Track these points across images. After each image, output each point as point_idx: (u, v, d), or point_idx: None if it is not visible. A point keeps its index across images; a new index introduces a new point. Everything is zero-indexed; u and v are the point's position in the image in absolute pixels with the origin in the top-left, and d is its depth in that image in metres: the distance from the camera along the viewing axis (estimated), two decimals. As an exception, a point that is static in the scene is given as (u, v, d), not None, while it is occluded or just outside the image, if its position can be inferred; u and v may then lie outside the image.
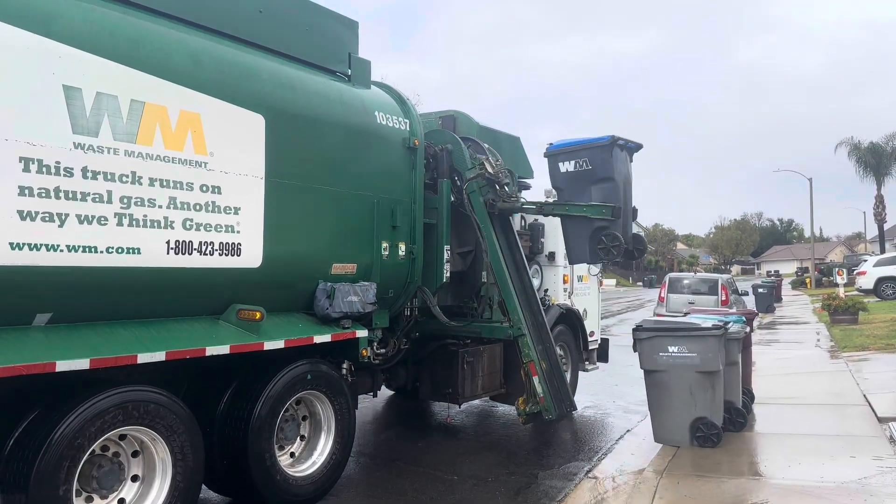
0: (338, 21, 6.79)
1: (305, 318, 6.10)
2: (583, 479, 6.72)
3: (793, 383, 11.43)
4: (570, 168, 7.44)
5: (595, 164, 7.33)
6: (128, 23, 4.82)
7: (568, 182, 7.51)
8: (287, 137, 5.75)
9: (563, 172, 7.51)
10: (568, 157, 7.49)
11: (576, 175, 7.43)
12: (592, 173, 7.36)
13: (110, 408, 4.34)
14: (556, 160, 7.58)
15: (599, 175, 7.32)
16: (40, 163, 4.16)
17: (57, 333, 4.38)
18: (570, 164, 7.44)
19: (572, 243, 7.64)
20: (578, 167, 7.39)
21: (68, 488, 4.13)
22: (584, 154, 7.39)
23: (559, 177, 7.59)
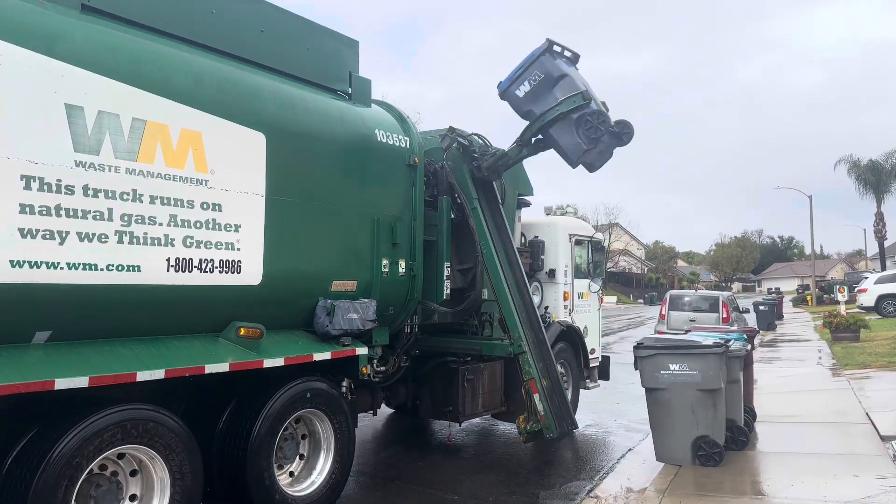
0: (338, 40, 6.85)
1: (305, 336, 6.09)
2: (584, 498, 6.67)
3: (795, 401, 11.38)
4: (527, 88, 7.67)
5: (545, 71, 7.61)
6: (130, 42, 4.86)
7: (532, 100, 7.68)
8: (288, 155, 5.78)
9: (523, 96, 7.72)
10: (519, 81, 7.72)
11: (535, 90, 7.65)
12: (548, 79, 7.60)
13: (109, 426, 4.32)
14: (512, 90, 7.77)
15: (554, 76, 7.59)
16: (41, 181, 4.18)
17: (56, 351, 4.37)
18: (525, 85, 7.68)
19: (564, 144, 7.63)
20: (533, 82, 7.63)
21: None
22: (533, 69, 7.67)
23: (522, 101, 7.76)
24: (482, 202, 8.10)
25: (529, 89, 7.67)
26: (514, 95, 7.77)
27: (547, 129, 7.65)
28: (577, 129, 7.47)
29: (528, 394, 7.66)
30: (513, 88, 7.76)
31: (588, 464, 8.13)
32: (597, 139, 7.45)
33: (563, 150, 7.71)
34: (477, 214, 7.95)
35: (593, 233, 11.22)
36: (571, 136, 7.54)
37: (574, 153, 7.60)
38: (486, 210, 8.13)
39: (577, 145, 7.52)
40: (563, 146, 7.67)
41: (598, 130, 7.39)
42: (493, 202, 8.25)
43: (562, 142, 7.65)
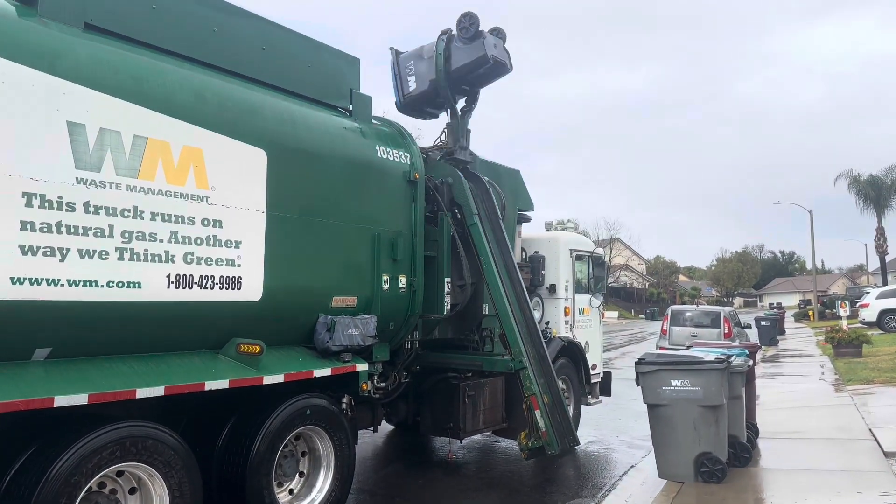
0: (339, 58, 6.89)
1: (305, 352, 6.08)
2: None
3: (797, 417, 11.33)
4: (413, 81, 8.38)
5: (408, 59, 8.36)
6: (132, 60, 4.89)
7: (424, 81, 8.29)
8: (289, 171, 5.80)
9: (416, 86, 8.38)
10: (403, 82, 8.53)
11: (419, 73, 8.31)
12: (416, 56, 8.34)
13: (108, 444, 4.30)
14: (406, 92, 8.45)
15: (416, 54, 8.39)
16: (42, 198, 4.19)
17: (56, 368, 4.36)
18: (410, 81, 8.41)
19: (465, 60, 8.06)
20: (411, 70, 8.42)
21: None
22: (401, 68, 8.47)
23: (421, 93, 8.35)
24: (482, 217, 8.11)
25: (414, 77, 8.25)
26: (410, 95, 8.34)
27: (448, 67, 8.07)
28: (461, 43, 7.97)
29: (530, 410, 7.63)
30: (403, 90, 8.38)
31: (590, 481, 8.08)
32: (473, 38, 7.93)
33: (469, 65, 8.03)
34: (477, 230, 7.96)
35: (594, 248, 11.22)
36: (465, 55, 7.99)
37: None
38: (487, 225, 8.13)
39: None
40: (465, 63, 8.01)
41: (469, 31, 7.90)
42: (494, 217, 8.26)
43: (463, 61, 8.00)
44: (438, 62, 8.05)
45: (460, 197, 8.02)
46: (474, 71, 8.07)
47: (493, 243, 8.09)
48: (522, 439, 7.74)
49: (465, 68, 8.04)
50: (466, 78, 8.19)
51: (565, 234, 10.95)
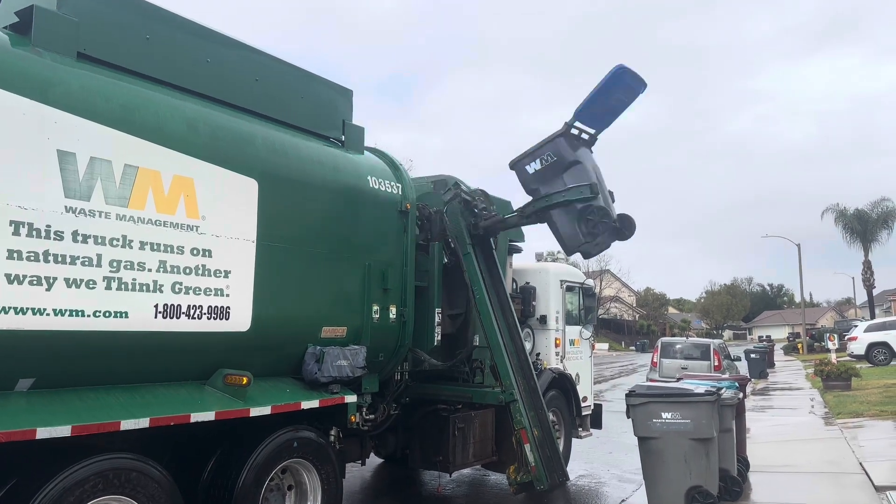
0: (332, 89, 6.94)
1: (293, 383, 6.01)
2: None
3: (788, 451, 11.26)
4: (538, 166, 7.55)
5: (559, 153, 7.47)
6: (123, 89, 4.90)
7: (540, 179, 7.58)
8: (280, 201, 5.80)
9: (532, 173, 7.60)
10: (532, 157, 7.61)
11: (545, 170, 7.53)
12: (560, 163, 7.46)
13: (90, 476, 4.21)
14: (522, 164, 7.68)
15: (567, 161, 7.43)
16: (31, 226, 4.17)
17: (39, 399, 4.29)
18: (536, 163, 7.56)
19: (563, 232, 7.53)
20: (545, 162, 7.51)
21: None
22: (547, 148, 7.53)
23: (530, 178, 7.66)
24: (476, 248, 8.12)
25: (539, 168, 7.56)
26: (523, 170, 7.68)
27: (548, 211, 7.61)
28: (579, 220, 7.36)
29: (519, 443, 7.55)
30: (524, 163, 7.67)
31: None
32: (595, 234, 7.40)
33: (561, 237, 7.64)
34: (470, 260, 7.96)
35: (584, 279, 11.23)
36: (572, 226, 7.44)
37: (571, 243, 7.56)
38: (480, 256, 8.14)
39: (575, 236, 7.46)
40: (561, 233, 7.60)
41: (598, 227, 7.30)
42: (487, 248, 8.27)
43: (561, 228, 7.58)
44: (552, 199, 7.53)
45: (454, 227, 8.02)
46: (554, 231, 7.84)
47: (485, 274, 8.09)
48: (511, 473, 7.66)
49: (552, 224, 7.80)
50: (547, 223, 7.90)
51: (556, 265, 10.99)
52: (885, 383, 19.73)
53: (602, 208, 7.30)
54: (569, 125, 7.47)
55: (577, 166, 7.42)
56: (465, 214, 7.97)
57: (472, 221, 7.98)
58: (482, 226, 8.00)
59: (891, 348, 28.80)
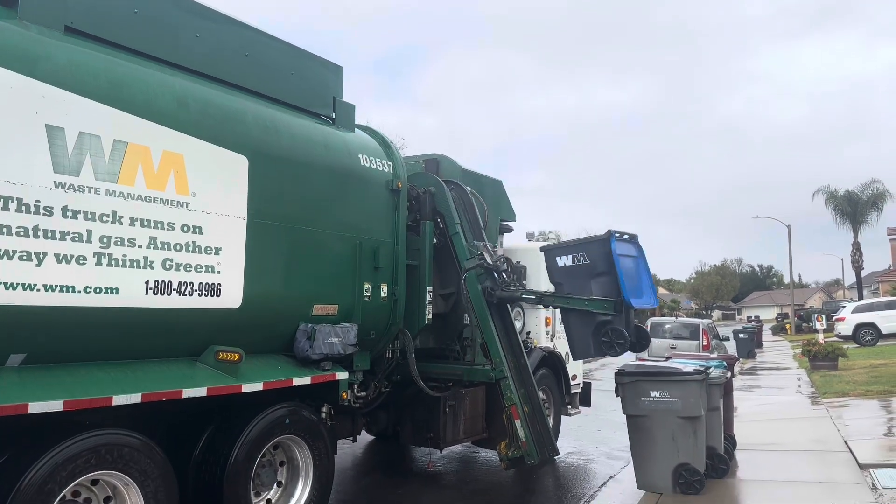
0: (323, 66, 6.89)
1: (285, 360, 6.03)
2: None
3: (774, 429, 11.41)
4: (568, 262, 7.27)
5: (593, 259, 7.14)
6: (113, 64, 4.85)
7: (566, 276, 7.31)
8: (270, 179, 5.77)
9: (561, 267, 7.32)
10: (564, 252, 7.33)
11: (573, 269, 7.24)
12: (591, 268, 7.14)
13: (83, 451, 4.23)
14: (553, 254, 7.41)
15: (599, 269, 7.08)
16: (20, 202, 4.14)
17: (31, 374, 4.29)
18: (567, 259, 7.28)
19: (575, 337, 7.36)
20: (576, 261, 7.22)
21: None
22: (582, 249, 7.23)
23: (557, 271, 7.39)
24: (464, 227, 8.12)
25: (570, 265, 7.29)
26: (552, 259, 7.45)
27: (567, 311, 7.41)
28: (595, 332, 7.11)
29: (510, 420, 7.62)
30: (555, 253, 7.43)
31: (569, 492, 8.08)
32: (606, 353, 7.20)
33: (572, 341, 7.48)
34: (459, 239, 7.97)
35: (575, 259, 11.26)
36: (585, 336, 7.22)
37: (580, 352, 7.41)
38: (469, 235, 8.14)
39: (587, 348, 7.29)
40: (574, 338, 7.41)
41: (613, 348, 7.04)
42: (476, 227, 8.28)
43: (574, 333, 7.38)
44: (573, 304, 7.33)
45: (442, 206, 8.03)
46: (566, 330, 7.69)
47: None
48: (502, 449, 7.73)
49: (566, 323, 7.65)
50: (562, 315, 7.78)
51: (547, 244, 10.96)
52: (872, 363, 19.94)
53: (619, 331, 6.97)
54: (611, 232, 7.13)
55: (606, 277, 7.08)
56: (483, 278, 7.79)
57: (489, 287, 7.79)
58: (497, 295, 7.80)
59: (878, 329, 29.14)
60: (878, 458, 8.69)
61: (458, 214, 8.11)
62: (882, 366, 19.04)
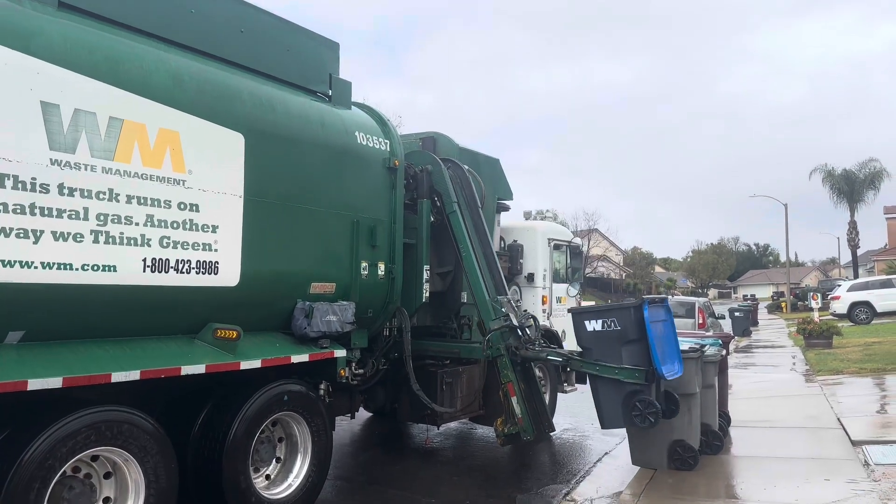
0: (319, 42, 6.84)
1: (283, 338, 6.06)
2: (561, 501, 6.71)
3: (768, 406, 11.50)
4: (598, 328, 6.94)
5: (624, 326, 6.84)
6: (108, 41, 4.82)
7: (595, 341, 6.98)
8: (267, 156, 5.75)
9: (590, 331, 6.99)
10: (595, 316, 7.03)
11: (603, 335, 6.93)
12: (622, 335, 6.84)
13: (82, 428, 4.26)
14: (583, 319, 7.08)
15: (630, 337, 6.80)
16: (16, 178, 4.13)
17: (30, 351, 4.31)
18: (597, 323, 6.96)
19: (604, 404, 7.02)
20: (606, 327, 6.90)
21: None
22: (613, 315, 6.94)
23: (585, 335, 7.06)
24: (462, 205, 8.12)
25: (599, 330, 6.94)
26: (581, 322, 7.07)
27: (595, 378, 7.08)
28: (625, 403, 6.79)
29: (506, 396, 7.67)
30: (584, 317, 7.08)
31: (565, 468, 8.16)
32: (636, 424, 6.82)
33: (601, 410, 7.09)
34: (456, 218, 7.97)
35: (571, 237, 11.30)
36: (615, 406, 6.88)
37: (608, 420, 7.01)
38: (466, 213, 8.15)
39: (616, 418, 6.92)
40: (602, 406, 7.04)
41: (645, 420, 6.68)
42: (473, 206, 8.28)
43: (603, 402, 7.02)
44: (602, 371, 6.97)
45: (440, 184, 8.02)
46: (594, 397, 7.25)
47: (471, 231, 8.11)
48: (499, 426, 7.79)
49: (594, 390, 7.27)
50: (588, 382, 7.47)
51: (543, 223, 11.01)
52: (866, 341, 20.08)
53: (650, 402, 6.68)
54: (644, 300, 6.92)
55: (637, 345, 6.77)
56: (506, 335, 7.60)
57: (514, 345, 7.59)
58: (522, 355, 7.60)
59: (872, 307, 29.28)
60: (871, 434, 8.78)
61: (456, 193, 8.10)
62: (876, 344, 19.19)
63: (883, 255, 54.55)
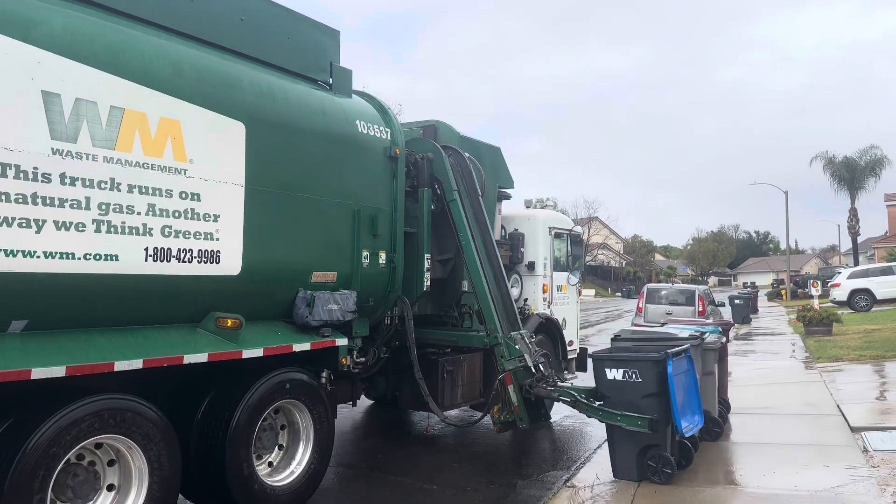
0: (319, 30, 6.82)
1: (285, 327, 6.08)
2: (561, 487, 6.74)
3: (768, 393, 11.55)
4: (618, 376, 6.72)
5: (646, 378, 6.60)
6: (108, 29, 4.81)
7: (614, 390, 6.76)
8: (268, 145, 5.76)
9: (610, 379, 6.78)
10: (615, 364, 6.78)
11: (622, 385, 6.70)
12: (643, 386, 6.60)
13: (86, 416, 4.29)
14: (603, 365, 6.86)
15: (651, 390, 6.57)
16: (17, 168, 4.13)
17: (33, 340, 4.33)
18: (617, 371, 6.73)
19: (618, 455, 6.81)
20: (626, 377, 6.68)
21: (42, 497, 4.08)
22: (635, 366, 6.67)
23: (605, 383, 6.85)
24: (462, 194, 8.12)
25: (619, 380, 6.71)
26: (601, 369, 6.85)
27: (611, 427, 6.84)
28: (640, 454, 6.63)
29: (503, 385, 7.71)
30: (604, 364, 6.83)
31: (565, 454, 8.21)
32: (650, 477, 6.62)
33: (614, 457, 6.87)
34: (456, 206, 7.98)
35: (572, 226, 11.31)
36: (630, 457, 6.69)
37: (622, 471, 6.75)
38: (467, 202, 8.16)
39: (630, 469, 6.68)
40: (615, 454, 6.84)
41: (656, 473, 6.52)
42: (473, 194, 8.28)
43: (616, 449, 6.82)
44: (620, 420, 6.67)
45: (440, 172, 8.02)
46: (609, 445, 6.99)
47: (471, 220, 8.13)
48: (495, 413, 7.84)
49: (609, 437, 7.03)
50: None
51: (544, 211, 11.00)
52: (865, 329, 20.14)
53: (666, 458, 6.51)
54: (668, 354, 6.55)
55: (658, 399, 6.55)
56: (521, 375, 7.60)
57: (528, 383, 7.57)
58: (535, 392, 7.58)
59: (872, 295, 29.37)
60: (870, 421, 8.84)
61: (456, 181, 8.11)
62: (876, 331, 19.25)
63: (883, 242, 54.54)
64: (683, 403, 6.73)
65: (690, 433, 6.86)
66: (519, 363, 7.63)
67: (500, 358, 7.74)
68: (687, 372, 6.98)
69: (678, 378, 6.63)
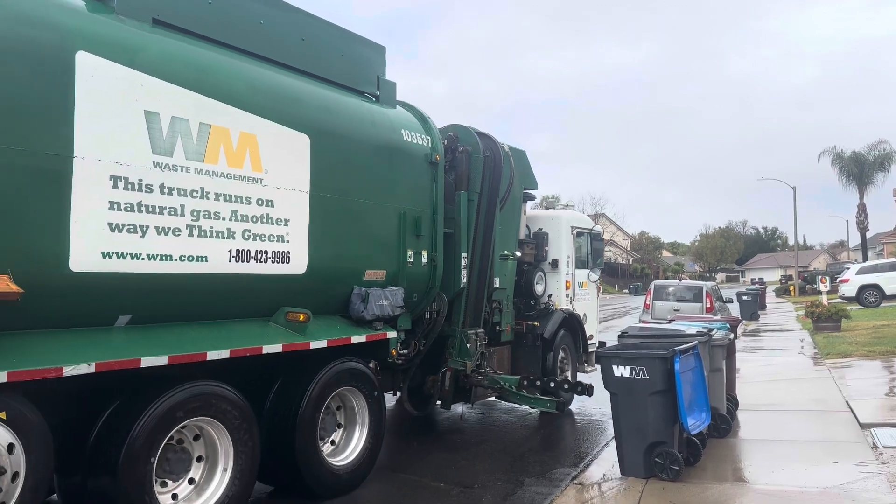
0: (367, 46, 7.33)
1: (342, 320, 6.64)
2: (569, 485, 6.72)
3: (777, 390, 11.50)
4: (626, 374, 6.70)
5: (653, 375, 6.56)
6: (195, 53, 5.36)
7: (621, 387, 6.75)
8: (328, 155, 6.30)
9: (618, 377, 6.76)
10: (623, 362, 6.74)
11: (631, 382, 6.68)
12: (650, 383, 6.58)
13: (189, 398, 4.88)
14: (610, 362, 6.82)
15: (658, 387, 6.55)
16: (126, 180, 4.69)
17: (136, 333, 4.90)
18: (625, 369, 6.70)
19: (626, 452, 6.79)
20: (634, 374, 6.66)
21: (150, 469, 4.67)
22: (643, 364, 6.63)
23: (612, 380, 6.82)
24: (483, 195, 8.73)
25: (626, 377, 6.69)
26: (609, 367, 6.80)
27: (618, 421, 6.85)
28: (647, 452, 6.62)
29: (444, 375, 8.38)
30: (612, 361, 6.80)
31: (573, 451, 8.18)
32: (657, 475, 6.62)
33: (622, 454, 6.88)
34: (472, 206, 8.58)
35: (593, 225, 11.77)
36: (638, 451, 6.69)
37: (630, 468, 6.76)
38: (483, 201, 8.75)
39: (637, 466, 6.69)
40: (623, 451, 6.84)
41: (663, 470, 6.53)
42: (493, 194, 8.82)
43: (625, 446, 6.81)
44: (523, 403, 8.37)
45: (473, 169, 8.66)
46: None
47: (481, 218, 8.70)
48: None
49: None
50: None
51: (567, 212, 11.50)
52: (875, 324, 20.06)
53: (673, 455, 6.55)
54: (675, 351, 6.60)
55: (664, 396, 6.57)
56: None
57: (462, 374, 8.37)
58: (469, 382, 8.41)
59: (881, 290, 29.15)
60: (879, 417, 8.81)
61: (483, 179, 8.68)
62: (885, 327, 19.16)
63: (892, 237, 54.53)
64: (691, 400, 6.73)
65: (697, 430, 6.84)
66: (461, 367, 8.33)
67: (451, 349, 8.35)
68: (694, 369, 6.99)
69: (685, 375, 6.64)
